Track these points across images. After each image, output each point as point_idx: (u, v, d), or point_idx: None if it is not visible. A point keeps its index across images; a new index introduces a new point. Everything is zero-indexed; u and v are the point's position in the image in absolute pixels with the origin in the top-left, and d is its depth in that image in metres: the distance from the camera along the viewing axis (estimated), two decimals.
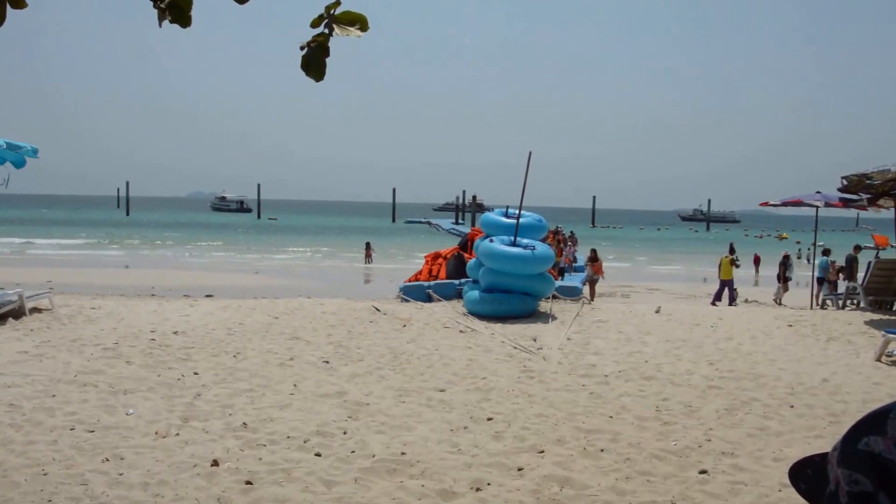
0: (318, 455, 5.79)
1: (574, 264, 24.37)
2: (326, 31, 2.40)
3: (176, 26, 2.40)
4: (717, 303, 18.47)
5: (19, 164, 11.39)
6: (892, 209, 15.21)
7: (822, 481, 0.87)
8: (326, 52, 2.45)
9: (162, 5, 2.34)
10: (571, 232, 29.00)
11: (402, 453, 5.83)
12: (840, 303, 16.62)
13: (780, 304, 18.87)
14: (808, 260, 42.39)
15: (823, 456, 0.90)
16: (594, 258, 19.73)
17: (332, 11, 2.39)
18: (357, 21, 2.41)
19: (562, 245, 23.61)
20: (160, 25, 2.38)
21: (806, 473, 0.91)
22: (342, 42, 2.46)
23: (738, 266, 19.98)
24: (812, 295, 17.88)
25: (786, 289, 19.94)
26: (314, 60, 2.45)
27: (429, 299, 14.55)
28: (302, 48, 2.43)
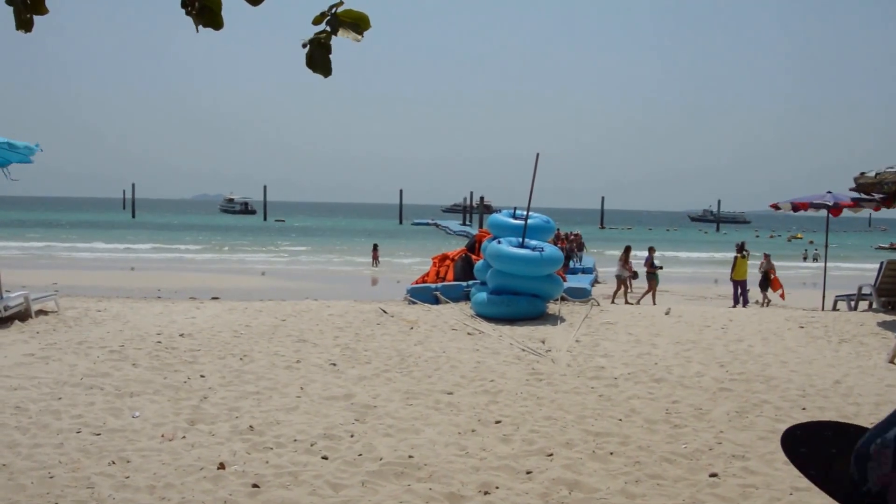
0: (325, 458, 5.74)
1: (577, 265, 24.63)
2: (328, 28, 2.38)
3: (183, 27, 2.38)
4: (736, 305, 18.20)
5: (24, 161, 11.29)
6: None
7: (817, 456, 0.88)
8: (329, 50, 2.42)
9: (193, 11, 2.31)
10: (577, 234, 29.09)
11: (410, 456, 5.78)
12: (852, 304, 16.48)
13: None
14: (816, 260, 42.33)
15: (805, 428, 0.92)
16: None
17: (333, 10, 2.36)
18: (358, 20, 2.38)
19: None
20: (196, 31, 2.35)
21: (798, 450, 0.91)
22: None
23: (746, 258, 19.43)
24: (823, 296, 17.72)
25: None
26: (318, 57, 2.43)
27: (436, 301, 14.50)
28: (304, 45, 2.41)
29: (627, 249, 19.93)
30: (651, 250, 19.84)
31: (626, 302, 18.61)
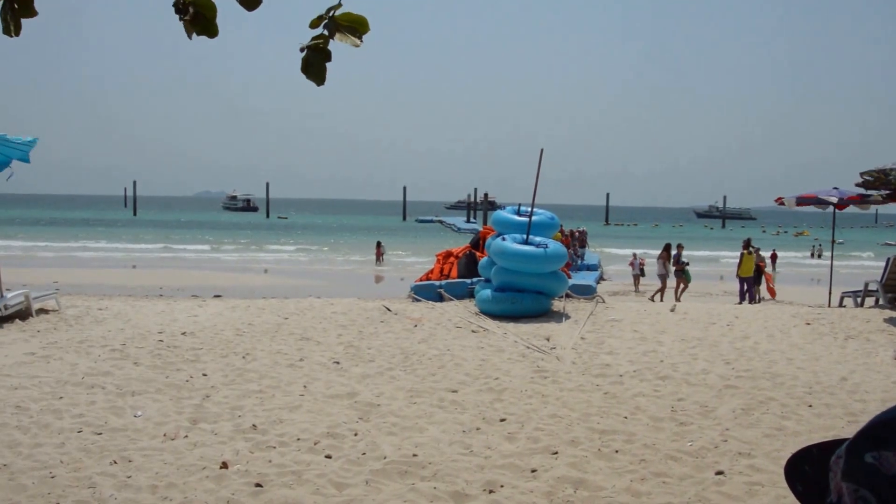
0: (328, 457, 5.70)
1: (580, 262, 24.62)
2: (326, 32, 2.30)
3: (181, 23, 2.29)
4: (742, 302, 18.18)
5: (23, 159, 11.23)
6: None
7: (820, 482, 0.84)
8: (327, 57, 2.34)
9: (186, 17, 2.24)
10: (581, 230, 29.14)
11: (414, 455, 5.73)
12: (859, 300, 16.39)
13: None
14: (820, 256, 42.24)
15: (822, 449, 0.87)
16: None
17: (332, 13, 2.28)
18: (357, 23, 2.30)
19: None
20: (189, 38, 2.28)
21: (803, 471, 0.88)
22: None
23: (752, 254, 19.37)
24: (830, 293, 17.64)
25: None
26: (314, 64, 2.35)
27: (440, 299, 14.45)
28: (302, 50, 2.33)
29: (667, 247, 19.95)
30: (679, 248, 19.89)
31: (650, 300, 18.55)
